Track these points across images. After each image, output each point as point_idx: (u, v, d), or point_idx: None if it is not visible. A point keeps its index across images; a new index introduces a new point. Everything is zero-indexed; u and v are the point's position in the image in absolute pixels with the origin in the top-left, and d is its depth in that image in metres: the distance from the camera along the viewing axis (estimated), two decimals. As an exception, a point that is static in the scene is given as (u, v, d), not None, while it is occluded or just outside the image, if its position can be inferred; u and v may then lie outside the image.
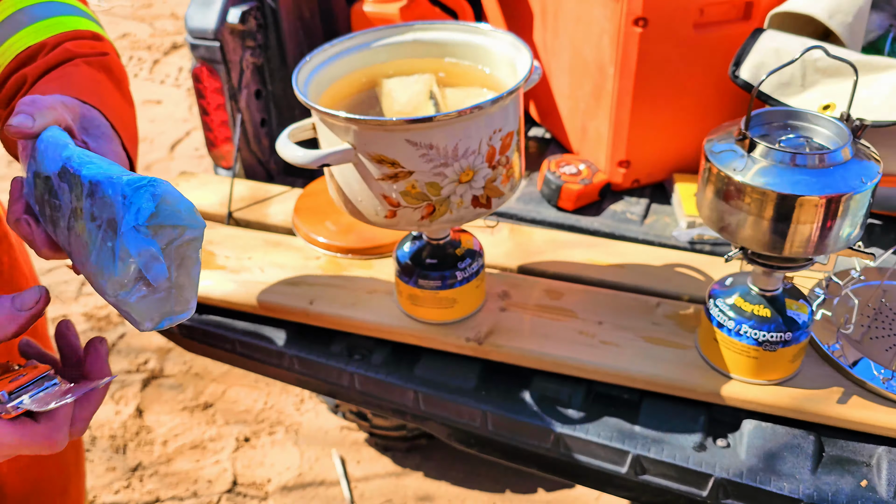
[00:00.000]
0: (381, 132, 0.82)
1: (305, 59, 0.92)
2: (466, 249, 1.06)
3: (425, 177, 0.84)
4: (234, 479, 2.16)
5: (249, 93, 1.34)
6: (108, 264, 0.57)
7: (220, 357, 1.19)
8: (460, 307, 1.07)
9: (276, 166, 1.47)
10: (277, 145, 0.85)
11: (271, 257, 1.21)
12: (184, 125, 3.76)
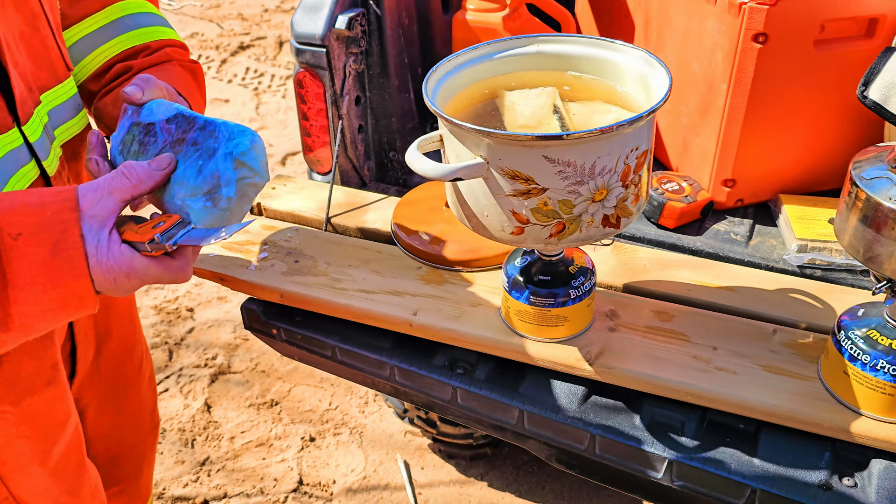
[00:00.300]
0: (516, 147, 0.80)
1: (434, 70, 0.91)
2: (580, 267, 1.04)
3: (559, 194, 0.82)
4: (299, 479, 2.17)
5: (350, 99, 1.34)
6: (191, 175, 0.75)
7: (317, 363, 1.19)
8: (570, 326, 1.04)
9: (369, 172, 1.47)
10: (408, 157, 0.84)
11: (372, 266, 1.20)
12: (250, 125, 3.81)
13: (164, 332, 2.64)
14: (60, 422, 0.89)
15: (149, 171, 0.73)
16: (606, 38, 0.96)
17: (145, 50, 0.96)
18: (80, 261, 0.66)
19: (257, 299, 1.20)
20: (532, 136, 0.78)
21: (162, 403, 2.36)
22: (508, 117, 0.95)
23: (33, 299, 0.64)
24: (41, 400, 0.84)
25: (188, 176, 0.76)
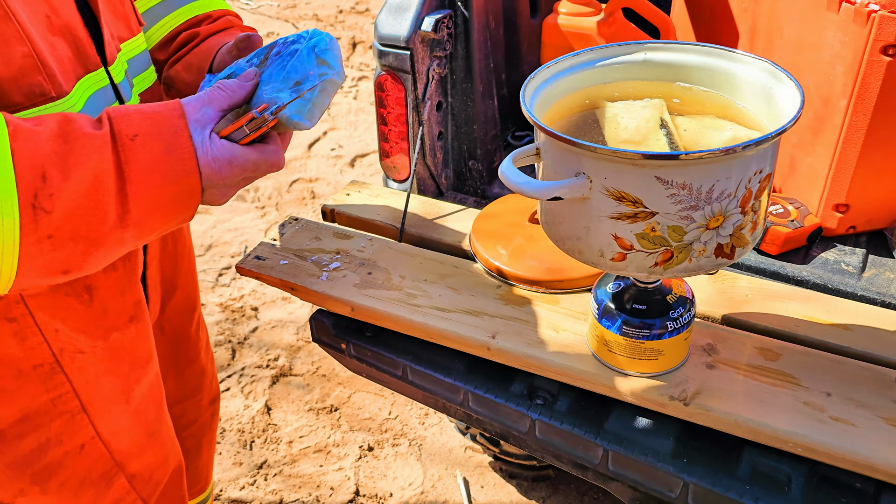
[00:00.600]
0: (625, 165, 0.72)
1: (532, 77, 0.83)
2: (678, 296, 0.95)
3: (669, 219, 0.73)
4: (356, 489, 2.12)
5: (431, 105, 1.28)
6: (277, 75, 0.83)
7: (387, 382, 1.13)
8: (665, 360, 0.95)
9: (446, 181, 1.40)
10: (502, 171, 0.77)
11: (448, 282, 1.14)
12: (322, 125, 3.80)
13: (229, 331, 2.63)
14: (143, 360, 0.91)
15: (239, 83, 0.80)
16: (723, 47, 0.87)
17: (207, 18, 1.02)
18: (191, 159, 0.72)
19: (327, 311, 1.15)
20: (644, 155, 0.69)
21: (223, 403, 2.35)
22: (610, 131, 0.86)
23: (150, 195, 0.69)
24: (126, 336, 0.87)
25: (274, 77, 0.83)
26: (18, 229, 0.63)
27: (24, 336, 0.78)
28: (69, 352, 0.81)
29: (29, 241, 0.64)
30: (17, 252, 0.64)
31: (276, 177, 3.42)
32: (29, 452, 0.81)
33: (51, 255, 0.66)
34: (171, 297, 1.12)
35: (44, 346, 0.79)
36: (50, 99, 0.73)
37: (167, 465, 0.98)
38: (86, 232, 0.67)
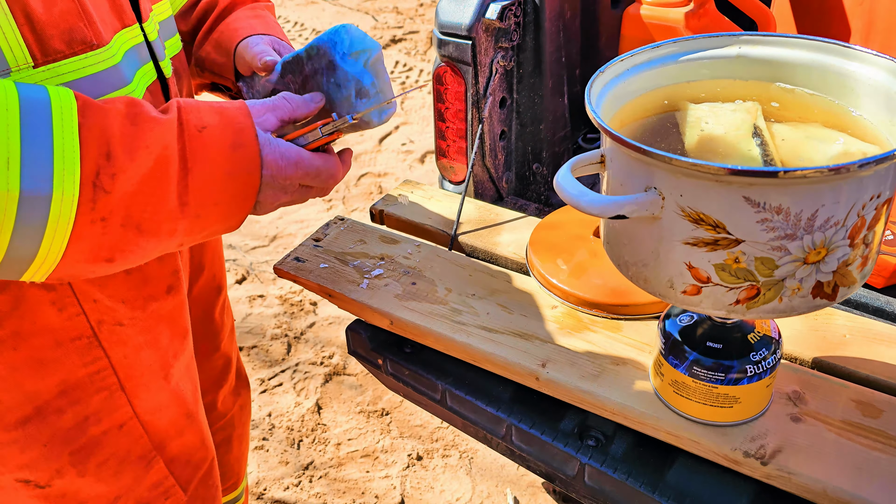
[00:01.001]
0: (706, 182, 0.59)
1: (602, 71, 0.71)
2: (762, 336, 0.80)
3: (758, 249, 0.60)
4: (401, 499, 2.03)
5: (494, 100, 1.16)
6: (336, 93, 0.84)
7: (423, 404, 1.02)
8: (741, 409, 0.81)
9: (507, 185, 1.28)
10: (558, 181, 0.65)
11: (499, 298, 1.02)
12: (394, 119, 3.74)
13: (286, 325, 2.59)
14: (181, 334, 0.89)
15: (305, 101, 0.80)
16: (837, 42, 0.72)
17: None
18: (256, 157, 0.71)
19: (365, 322, 1.05)
20: (730, 170, 0.56)
21: (274, 398, 2.31)
22: (691, 138, 0.73)
23: (210, 188, 0.68)
24: (164, 307, 0.85)
25: (335, 94, 0.84)
26: (76, 207, 0.61)
27: (63, 305, 0.75)
28: (108, 324, 0.79)
29: (83, 221, 0.62)
30: (70, 231, 0.62)
31: (345, 170, 3.37)
32: (68, 430, 0.78)
33: (100, 240, 0.64)
34: (199, 277, 1.08)
35: (82, 317, 0.77)
36: (91, 47, 0.70)
37: (202, 452, 0.94)
38: (139, 219, 0.65)
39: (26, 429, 0.75)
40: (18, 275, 0.64)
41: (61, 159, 0.60)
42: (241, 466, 1.31)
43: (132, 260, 0.68)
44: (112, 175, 0.63)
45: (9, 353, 0.73)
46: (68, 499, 0.80)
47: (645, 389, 0.87)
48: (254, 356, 2.47)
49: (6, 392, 0.74)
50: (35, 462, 0.76)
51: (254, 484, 2.06)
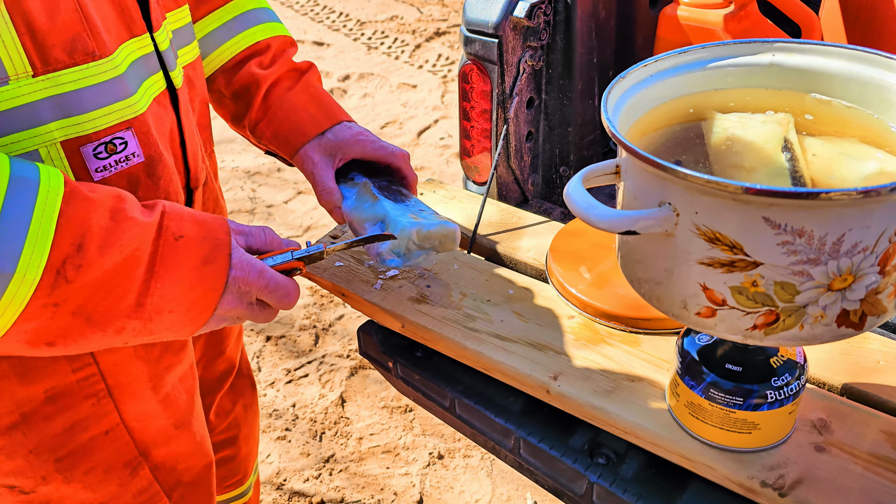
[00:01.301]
0: (723, 199, 0.55)
1: (622, 76, 0.68)
2: (786, 360, 0.76)
3: (778, 273, 0.56)
4: (420, 498, 2.02)
5: (520, 101, 1.13)
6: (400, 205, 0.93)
7: (433, 410, 1.00)
8: (760, 436, 0.77)
9: (532, 188, 1.25)
10: (567, 193, 0.62)
11: (515, 305, 0.99)
12: (433, 113, 3.72)
13: (315, 315, 2.60)
14: (176, 349, 0.88)
15: (282, 244, 0.82)
16: (880, 52, 0.67)
17: (267, 49, 1.02)
18: (223, 274, 0.72)
19: (377, 324, 1.04)
20: (748, 188, 0.53)
21: (299, 389, 2.32)
22: (716, 149, 0.69)
23: (171, 295, 0.69)
24: None
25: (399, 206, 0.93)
26: (34, 290, 0.62)
27: None
28: None
29: (36, 305, 0.62)
30: (20, 312, 0.62)
31: (381, 162, 3.37)
32: (54, 437, 0.78)
33: (47, 323, 0.64)
34: None
35: None
36: (93, 57, 0.69)
37: (193, 459, 0.93)
38: (91, 310, 0.65)
39: (13, 436, 0.75)
40: None
41: (32, 243, 0.61)
42: (248, 464, 1.31)
43: (72, 348, 0.68)
44: (78, 266, 0.63)
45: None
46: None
47: (660, 409, 0.84)
48: (281, 346, 2.48)
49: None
50: (21, 469, 0.76)
51: (274, 474, 2.07)
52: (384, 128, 3.62)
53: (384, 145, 0.98)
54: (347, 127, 0.99)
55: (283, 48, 1.02)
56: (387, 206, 0.91)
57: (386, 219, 0.90)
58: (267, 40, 1.02)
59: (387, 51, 4.35)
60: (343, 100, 3.87)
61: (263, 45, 1.01)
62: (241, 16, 1.01)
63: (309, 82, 1.00)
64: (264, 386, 2.32)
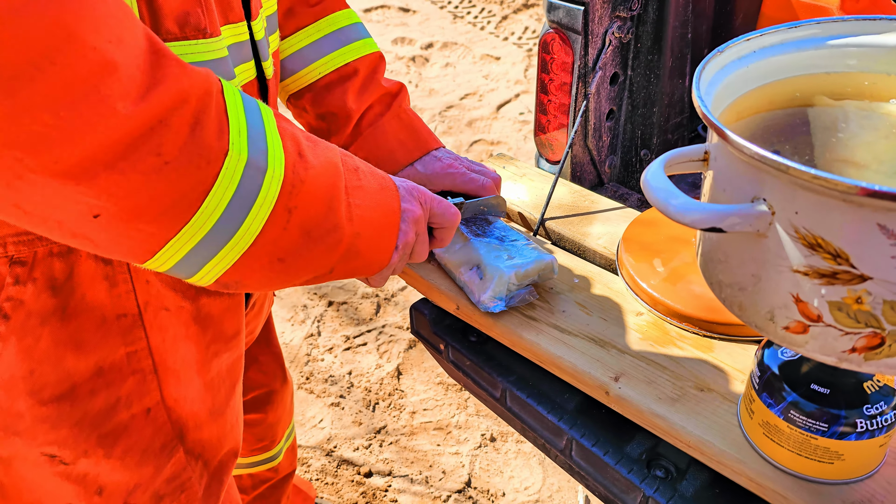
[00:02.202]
0: (830, 199, 0.47)
1: (717, 51, 0.59)
2: (882, 386, 0.67)
3: (889, 291, 0.48)
4: (468, 479, 1.98)
5: (604, 75, 1.05)
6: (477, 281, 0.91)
7: (483, 399, 0.95)
8: (844, 467, 0.69)
9: (609, 170, 1.17)
10: (646, 178, 0.55)
11: (578, 296, 0.92)
12: (515, 87, 3.62)
13: (378, 285, 2.58)
14: (228, 335, 0.87)
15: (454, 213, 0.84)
16: None
17: (355, 73, 1.00)
18: (397, 198, 0.77)
19: (430, 302, 0.98)
20: (865, 189, 0.44)
21: (356, 357, 2.31)
22: (823, 142, 0.60)
23: (365, 216, 0.72)
24: (216, 303, 0.84)
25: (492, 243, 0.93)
26: (280, 189, 0.63)
27: (115, 282, 0.73)
28: (154, 307, 0.77)
29: (279, 207, 0.63)
30: (268, 214, 0.62)
31: (457, 135, 3.31)
32: (98, 412, 0.77)
33: (280, 235, 0.64)
34: None
35: (131, 295, 0.75)
36: (203, 34, 0.68)
37: (219, 448, 0.91)
38: (311, 225, 0.66)
39: (60, 406, 0.74)
40: (200, 263, 0.62)
41: (272, 144, 0.62)
42: (276, 430, 1.32)
43: (297, 266, 0.67)
44: (305, 169, 0.65)
45: (56, 326, 0.71)
46: (88, 481, 0.78)
47: (730, 424, 0.76)
48: (342, 312, 2.47)
49: (48, 366, 0.72)
50: (64, 440, 0.75)
51: (325, 440, 2.07)
52: (463, 99, 3.56)
53: (473, 178, 0.97)
54: (437, 158, 0.99)
55: (373, 67, 1.01)
56: (480, 248, 0.91)
57: (481, 264, 0.89)
58: (357, 62, 1.01)
59: (472, 20, 4.26)
60: (424, 68, 3.81)
61: (352, 67, 1.00)
62: (331, 35, 1.00)
63: (400, 107, 1.01)
64: (322, 351, 2.32)
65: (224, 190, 0.59)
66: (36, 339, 0.70)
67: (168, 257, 0.60)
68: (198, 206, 0.58)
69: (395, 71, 3.78)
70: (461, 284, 0.91)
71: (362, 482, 1.97)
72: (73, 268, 0.70)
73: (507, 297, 0.87)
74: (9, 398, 0.71)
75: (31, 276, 0.68)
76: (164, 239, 0.58)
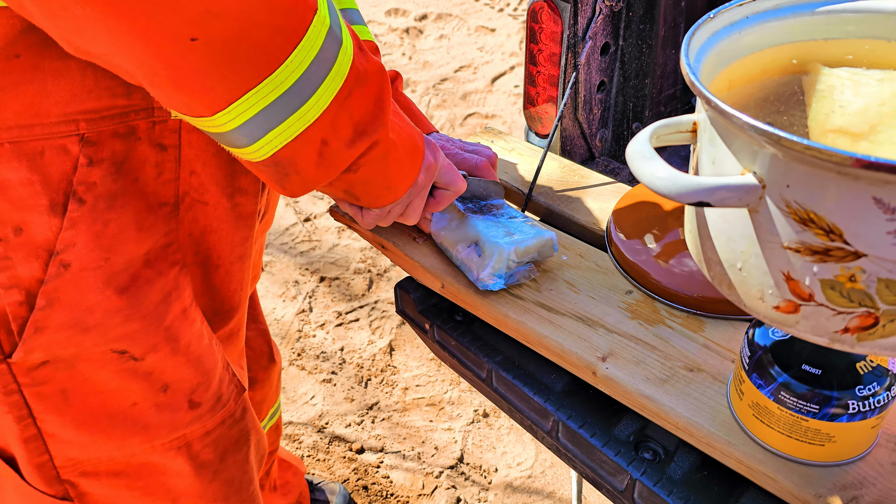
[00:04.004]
0: (823, 171, 0.44)
1: (708, 17, 0.56)
2: (875, 366, 0.65)
3: (884, 269, 0.45)
4: (461, 455, 1.98)
5: (594, 46, 1.01)
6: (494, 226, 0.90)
7: (469, 380, 0.93)
8: (834, 449, 0.67)
9: (601, 144, 1.14)
10: (630, 150, 0.52)
11: (566, 273, 0.90)
12: (510, 59, 3.57)
13: (371, 260, 2.56)
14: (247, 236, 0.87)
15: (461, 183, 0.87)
16: None
17: None
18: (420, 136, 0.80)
19: (416, 281, 0.96)
20: (860, 160, 0.41)
21: (349, 333, 2.29)
22: (818, 110, 0.57)
23: (398, 128, 0.74)
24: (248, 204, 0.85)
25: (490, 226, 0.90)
26: (349, 69, 0.64)
27: (163, 169, 0.73)
28: (191, 199, 0.77)
29: (346, 86, 0.64)
30: (340, 85, 0.63)
31: (451, 108, 3.26)
32: (158, 304, 0.76)
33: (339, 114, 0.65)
34: (263, 217, 1.03)
35: (174, 185, 0.75)
36: None
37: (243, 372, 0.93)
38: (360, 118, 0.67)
39: (129, 298, 0.72)
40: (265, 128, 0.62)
41: (342, 23, 0.64)
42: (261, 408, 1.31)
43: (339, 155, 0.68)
44: (366, 61, 0.66)
45: (119, 211, 0.70)
46: (154, 378, 0.78)
47: (720, 406, 0.74)
48: (335, 288, 2.45)
49: (116, 253, 0.71)
50: (135, 333, 0.74)
51: (317, 416, 2.06)
52: (458, 72, 3.50)
53: (466, 158, 0.95)
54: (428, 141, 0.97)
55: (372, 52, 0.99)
56: (478, 225, 0.88)
57: (479, 241, 0.87)
58: None
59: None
60: (419, 40, 3.75)
61: None
62: None
63: (396, 91, 1.00)
64: (314, 327, 2.31)
65: (308, 49, 0.59)
66: (105, 223, 0.69)
67: (241, 111, 0.60)
68: (285, 56, 0.58)
69: (389, 43, 3.72)
70: (458, 263, 0.89)
71: (354, 458, 1.96)
72: (130, 151, 0.69)
73: (507, 275, 0.85)
74: (80, 290, 0.70)
75: (100, 156, 0.67)
76: (247, 86, 0.58)
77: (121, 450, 0.79)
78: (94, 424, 0.77)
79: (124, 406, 0.77)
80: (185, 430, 0.81)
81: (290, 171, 0.67)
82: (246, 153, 0.65)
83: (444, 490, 1.89)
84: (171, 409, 0.79)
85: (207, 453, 0.84)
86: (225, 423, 0.85)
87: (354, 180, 0.73)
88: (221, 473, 0.87)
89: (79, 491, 0.81)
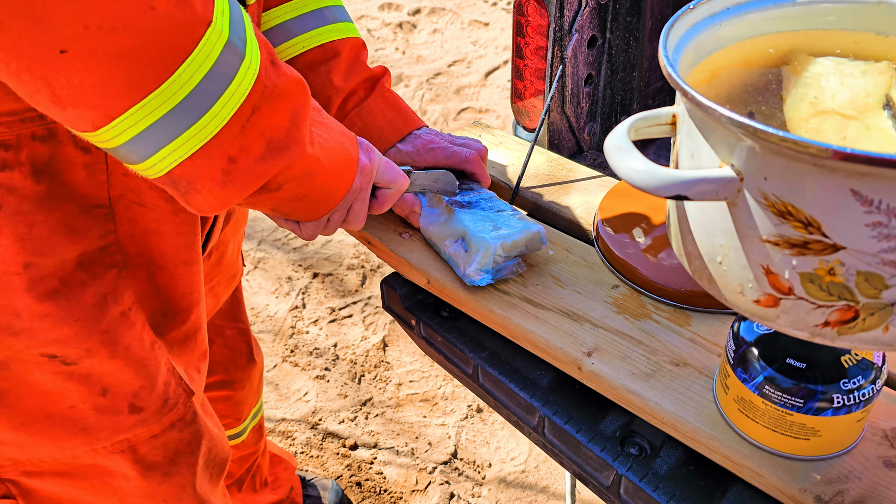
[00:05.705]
0: (801, 164, 0.44)
1: (688, 8, 0.55)
2: (860, 360, 0.64)
3: (863, 262, 0.45)
4: (454, 451, 1.98)
5: (581, 39, 1.00)
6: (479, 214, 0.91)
7: (456, 375, 0.92)
8: (819, 443, 0.66)
9: (589, 138, 1.13)
10: (608, 143, 0.51)
11: (553, 268, 0.89)
12: (504, 53, 3.56)
13: (364, 255, 2.55)
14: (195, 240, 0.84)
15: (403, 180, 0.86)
16: None
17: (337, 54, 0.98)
18: (355, 142, 0.79)
19: (402, 277, 0.95)
20: (838, 152, 0.41)
21: (342, 329, 2.29)
22: (798, 100, 0.57)
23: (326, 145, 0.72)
24: None
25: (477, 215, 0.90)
26: (253, 82, 0.61)
27: (94, 171, 0.71)
28: (128, 200, 0.75)
29: (248, 103, 0.61)
30: (239, 104, 0.61)
31: (445, 103, 3.25)
32: (93, 307, 0.74)
33: (240, 133, 0.62)
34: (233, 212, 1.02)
35: (106, 185, 0.73)
36: None
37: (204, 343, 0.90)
38: (272, 135, 0.65)
39: (58, 301, 0.71)
40: (157, 145, 0.59)
41: (250, 38, 0.61)
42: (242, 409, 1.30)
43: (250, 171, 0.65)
44: (277, 76, 0.64)
45: (46, 213, 0.68)
46: (92, 381, 0.76)
47: (705, 400, 0.73)
48: (328, 284, 2.45)
49: (43, 256, 0.69)
50: (67, 338, 0.73)
51: (310, 413, 2.06)
52: (451, 66, 3.49)
53: (456, 151, 0.95)
54: (417, 136, 0.97)
55: (356, 52, 0.99)
56: (465, 220, 0.88)
57: (466, 235, 0.86)
58: (339, 42, 0.98)
59: (460, -15, 4.16)
60: (412, 35, 3.74)
61: (336, 47, 0.98)
62: (317, 11, 0.98)
63: (384, 87, 0.99)
64: (307, 323, 2.30)
65: (200, 63, 0.56)
66: (29, 226, 0.68)
67: (126, 127, 0.57)
68: (171, 70, 0.55)
69: (382, 38, 3.70)
70: (447, 258, 0.88)
71: (348, 455, 1.96)
72: (54, 152, 0.68)
73: (494, 270, 0.84)
74: (5, 294, 0.68)
75: (18, 159, 0.66)
76: (130, 101, 0.55)
77: (62, 451, 0.78)
78: (32, 426, 0.75)
79: (62, 408, 0.76)
80: (129, 434, 0.80)
81: (190, 189, 0.64)
82: (140, 169, 0.62)
83: (438, 486, 1.89)
84: (111, 412, 0.78)
85: (156, 456, 0.83)
86: (175, 426, 0.83)
87: (280, 198, 0.71)
88: (173, 476, 0.85)
89: (22, 489, 0.80)
